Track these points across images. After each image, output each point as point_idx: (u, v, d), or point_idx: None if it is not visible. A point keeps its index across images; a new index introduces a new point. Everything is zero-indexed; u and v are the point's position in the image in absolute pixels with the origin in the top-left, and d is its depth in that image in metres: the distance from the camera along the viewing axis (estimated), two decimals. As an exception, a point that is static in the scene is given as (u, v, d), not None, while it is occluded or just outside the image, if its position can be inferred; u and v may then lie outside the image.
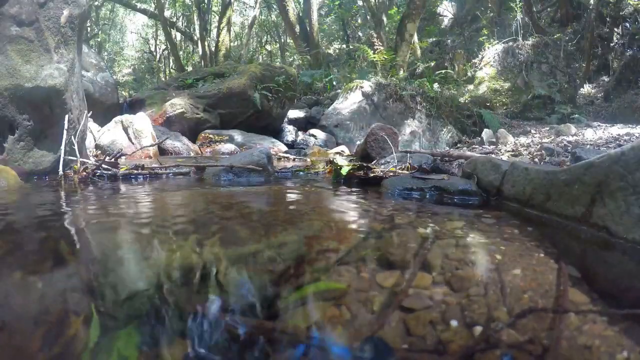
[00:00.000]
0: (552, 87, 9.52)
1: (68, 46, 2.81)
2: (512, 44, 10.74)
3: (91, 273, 0.99)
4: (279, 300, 0.83)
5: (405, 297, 0.81)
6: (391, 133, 3.70)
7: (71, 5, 2.80)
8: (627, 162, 1.12)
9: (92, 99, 5.68)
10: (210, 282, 0.93)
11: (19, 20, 2.57)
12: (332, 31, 17.80)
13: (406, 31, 9.67)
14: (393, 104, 7.65)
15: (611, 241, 1.12)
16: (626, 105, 8.37)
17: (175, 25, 17.31)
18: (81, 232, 1.37)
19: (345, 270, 0.95)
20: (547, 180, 1.47)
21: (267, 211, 1.74)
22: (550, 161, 3.38)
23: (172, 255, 1.09)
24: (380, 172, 2.46)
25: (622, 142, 4.73)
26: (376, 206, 1.76)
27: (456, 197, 1.84)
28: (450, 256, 1.02)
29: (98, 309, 0.78)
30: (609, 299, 0.84)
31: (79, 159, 2.80)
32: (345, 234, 1.29)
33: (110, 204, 1.92)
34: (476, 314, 0.74)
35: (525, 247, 1.10)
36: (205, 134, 6.31)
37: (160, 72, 20.40)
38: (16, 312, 0.77)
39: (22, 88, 2.55)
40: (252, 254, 1.09)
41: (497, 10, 12.33)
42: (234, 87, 7.05)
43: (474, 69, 10.92)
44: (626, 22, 9.82)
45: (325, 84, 10.13)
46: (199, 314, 0.76)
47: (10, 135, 2.62)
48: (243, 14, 21.76)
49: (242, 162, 2.76)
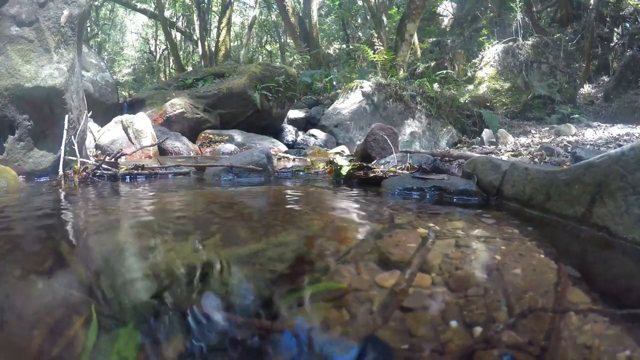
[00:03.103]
0: (552, 87, 9.52)
1: (68, 46, 2.81)
2: (512, 44, 10.75)
3: (91, 273, 0.99)
4: (279, 300, 0.83)
5: (405, 297, 0.81)
6: (391, 133, 3.70)
7: (71, 5, 2.80)
8: (627, 162, 1.12)
9: (92, 99, 5.68)
10: (210, 282, 0.93)
11: (19, 20, 2.57)
12: (332, 31, 17.80)
13: (406, 31, 9.67)
14: (393, 104, 7.65)
15: (611, 241, 1.12)
16: (626, 105, 8.37)
17: (175, 25, 17.30)
18: (81, 232, 1.37)
19: (345, 270, 0.95)
20: (547, 180, 1.47)
21: (267, 211, 1.74)
22: (550, 161, 3.38)
23: (172, 255, 1.09)
24: (380, 172, 2.46)
25: (622, 142, 4.73)
26: (376, 206, 1.76)
27: (456, 197, 1.84)
28: (450, 256, 1.02)
29: (98, 309, 0.78)
30: (609, 299, 0.84)
31: (79, 159, 2.80)
32: (345, 234, 1.29)
33: (110, 204, 1.92)
34: (476, 314, 0.74)
35: (525, 247, 1.10)
36: (205, 134, 6.31)
37: (160, 72, 20.40)
38: (16, 312, 0.77)
39: (22, 88, 2.55)
40: (252, 253, 1.09)
41: (497, 10, 12.33)
42: (234, 87, 7.05)
43: (474, 69, 10.93)
44: (626, 22, 9.83)
45: (325, 84, 10.13)
46: (199, 314, 0.76)
47: (10, 135, 2.62)
48: (243, 14, 21.77)
49: (242, 162, 2.75)
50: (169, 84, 8.21)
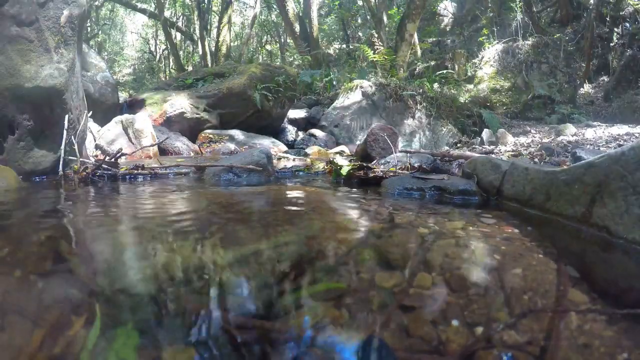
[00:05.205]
0: (552, 87, 9.52)
1: (68, 46, 2.81)
2: (512, 43, 10.74)
3: (91, 273, 0.99)
4: (279, 300, 0.83)
5: (406, 297, 0.81)
6: (391, 133, 3.70)
7: (71, 5, 2.80)
8: (627, 162, 1.12)
9: (92, 99, 5.67)
10: (210, 282, 0.93)
11: (19, 20, 2.57)
12: (332, 31, 17.79)
13: (406, 31, 9.66)
14: (393, 104, 7.65)
15: (611, 241, 1.12)
16: (626, 105, 8.37)
17: (175, 25, 17.30)
18: (81, 232, 1.37)
19: (345, 270, 0.95)
20: (547, 180, 1.47)
21: (267, 211, 1.74)
22: (550, 161, 3.37)
23: (171, 255, 1.09)
24: (380, 172, 2.46)
25: (622, 142, 4.73)
26: (376, 206, 1.76)
27: (456, 197, 1.84)
28: (450, 256, 1.02)
29: (97, 309, 0.78)
30: (609, 299, 0.84)
31: (79, 159, 2.80)
32: (345, 234, 1.29)
33: (110, 204, 1.92)
34: (476, 314, 0.74)
35: (525, 247, 1.10)
36: (205, 133, 6.30)
37: (160, 72, 20.39)
38: (16, 312, 0.77)
39: (22, 88, 2.55)
40: (252, 254, 1.09)
41: (497, 10, 12.33)
42: (234, 87, 7.05)
43: (474, 68, 10.93)
44: (626, 22, 9.83)
45: (325, 84, 10.13)
46: (199, 314, 0.76)
47: (10, 135, 2.62)
48: (243, 13, 21.76)
49: (242, 162, 2.75)
50: (169, 84, 8.20)
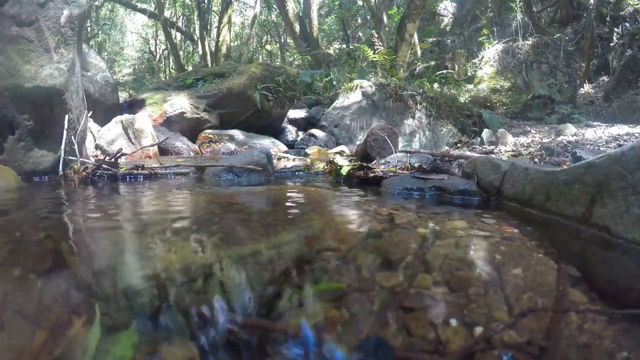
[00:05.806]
0: (552, 87, 9.52)
1: (68, 46, 2.81)
2: (512, 43, 10.74)
3: (91, 273, 0.99)
4: (279, 300, 0.83)
5: (406, 297, 0.81)
6: (391, 133, 3.70)
7: (71, 5, 2.80)
8: (627, 162, 1.12)
9: (92, 99, 5.67)
10: (210, 282, 0.93)
11: (19, 20, 2.57)
12: (332, 31, 17.79)
13: (406, 31, 9.66)
14: (393, 104, 7.65)
15: (611, 241, 1.12)
16: (626, 105, 8.36)
17: (175, 25, 17.30)
18: (81, 232, 1.37)
19: (345, 270, 0.95)
20: (547, 180, 1.47)
21: (267, 211, 1.74)
22: (550, 161, 3.37)
23: (171, 255, 1.09)
24: (380, 172, 2.46)
25: (622, 142, 4.73)
26: (376, 206, 1.76)
27: (456, 197, 1.84)
28: (451, 256, 1.02)
29: (97, 310, 0.78)
30: (609, 299, 0.84)
31: (79, 159, 2.80)
32: (345, 234, 1.29)
33: (110, 204, 1.92)
34: (476, 314, 0.74)
35: (525, 246, 1.10)
36: (205, 133, 6.30)
37: (160, 72, 20.39)
38: (16, 312, 0.77)
39: (22, 88, 2.55)
40: (252, 254, 1.09)
41: (497, 10, 12.33)
42: (234, 87, 7.05)
43: (474, 68, 10.93)
44: (626, 22, 9.83)
45: (325, 84, 10.12)
46: (199, 314, 0.76)
47: (10, 135, 2.62)
48: (243, 13, 21.76)
49: (242, 162, 2.75)
50: (169, 84, 8.19)
